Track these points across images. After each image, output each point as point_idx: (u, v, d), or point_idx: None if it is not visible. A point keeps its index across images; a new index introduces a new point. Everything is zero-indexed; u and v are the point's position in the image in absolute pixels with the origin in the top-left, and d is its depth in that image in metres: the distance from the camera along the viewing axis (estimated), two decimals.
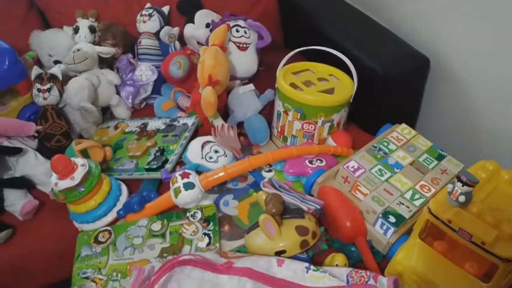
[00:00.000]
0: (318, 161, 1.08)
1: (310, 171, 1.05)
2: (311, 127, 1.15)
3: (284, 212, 0.87)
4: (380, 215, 0.92)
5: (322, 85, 1.18)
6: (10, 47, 1.21)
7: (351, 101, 1.15)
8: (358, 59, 1.24)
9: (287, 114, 1.16)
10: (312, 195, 1.00)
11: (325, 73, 1.22)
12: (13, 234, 1.05)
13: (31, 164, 1.12)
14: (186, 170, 1.03)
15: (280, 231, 0.84)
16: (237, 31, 1.34)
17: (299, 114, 1.13)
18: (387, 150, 1.09)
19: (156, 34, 1.42)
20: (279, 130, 1.21)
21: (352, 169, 1.02)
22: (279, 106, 1.18)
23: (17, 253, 1.03)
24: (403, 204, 0.95)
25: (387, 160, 1.06)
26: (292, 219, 0.86)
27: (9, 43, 1.23)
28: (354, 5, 1.59)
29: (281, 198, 0.89)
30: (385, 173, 1.02)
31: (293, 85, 1.15)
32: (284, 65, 1.21)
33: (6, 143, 1.12)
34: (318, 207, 0.90)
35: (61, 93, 1.22)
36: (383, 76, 1.29)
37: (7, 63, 1.18)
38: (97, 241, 0.96)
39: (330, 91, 1.15)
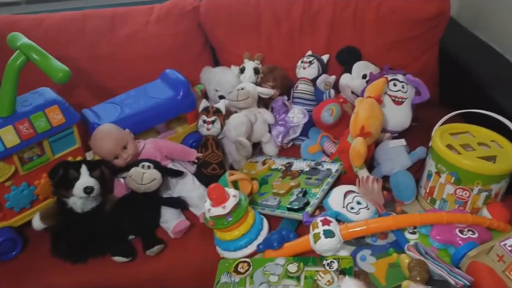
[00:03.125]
0: (470, 232, 1.01)
1: (460, 242, 0.98)
2: (465, 193, 1.08)
3: (428, 282, 0.83)
4: None
5: (482, 150, 1.11)
6: (186, 80, 1.36)
7: None
8: None
9: (440, 176, 1.11)
10: (460, 269, 0.94)
11: (487, 138, 1.15)
12: (163, 249, 1.14)
13: (188, 187, 1.23)
14: (328, 217, 1.04)
15: None
16: (395, 85, 1.33)
17: (453, 178, 1.08)
18: None
19: (313, 81, 1.47)
20: (428, 191, 1.16)
21: (509, 248, 0.93)
22: (431, 166, 1.14)
23: (163, 267, 1.12)
24: None
25: None
26: None
27: (183, 74, 1.38)
28: None
29: (426, 266, 0.85)
30: None
31: (449, 147, 1.11)
32: (442, 124, 1.17)
33: (170, 165, 1.25)
34: (467, 283, 0.84)
35: (222, 126, 1.33)
36: None
37: (181, 94, 1.33)
38: (236, 271, 1.01)
39: (491, 158, 1.08)
